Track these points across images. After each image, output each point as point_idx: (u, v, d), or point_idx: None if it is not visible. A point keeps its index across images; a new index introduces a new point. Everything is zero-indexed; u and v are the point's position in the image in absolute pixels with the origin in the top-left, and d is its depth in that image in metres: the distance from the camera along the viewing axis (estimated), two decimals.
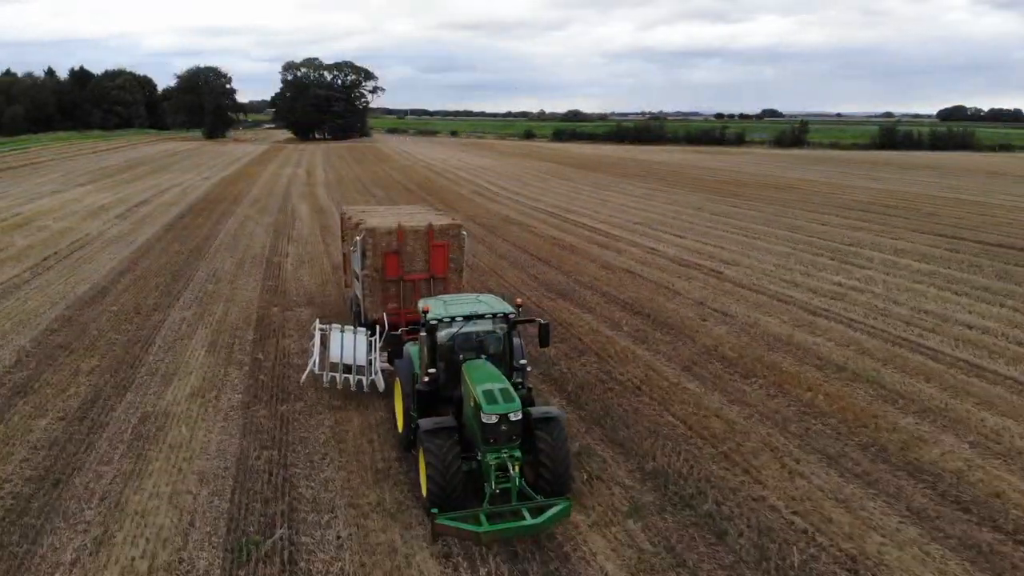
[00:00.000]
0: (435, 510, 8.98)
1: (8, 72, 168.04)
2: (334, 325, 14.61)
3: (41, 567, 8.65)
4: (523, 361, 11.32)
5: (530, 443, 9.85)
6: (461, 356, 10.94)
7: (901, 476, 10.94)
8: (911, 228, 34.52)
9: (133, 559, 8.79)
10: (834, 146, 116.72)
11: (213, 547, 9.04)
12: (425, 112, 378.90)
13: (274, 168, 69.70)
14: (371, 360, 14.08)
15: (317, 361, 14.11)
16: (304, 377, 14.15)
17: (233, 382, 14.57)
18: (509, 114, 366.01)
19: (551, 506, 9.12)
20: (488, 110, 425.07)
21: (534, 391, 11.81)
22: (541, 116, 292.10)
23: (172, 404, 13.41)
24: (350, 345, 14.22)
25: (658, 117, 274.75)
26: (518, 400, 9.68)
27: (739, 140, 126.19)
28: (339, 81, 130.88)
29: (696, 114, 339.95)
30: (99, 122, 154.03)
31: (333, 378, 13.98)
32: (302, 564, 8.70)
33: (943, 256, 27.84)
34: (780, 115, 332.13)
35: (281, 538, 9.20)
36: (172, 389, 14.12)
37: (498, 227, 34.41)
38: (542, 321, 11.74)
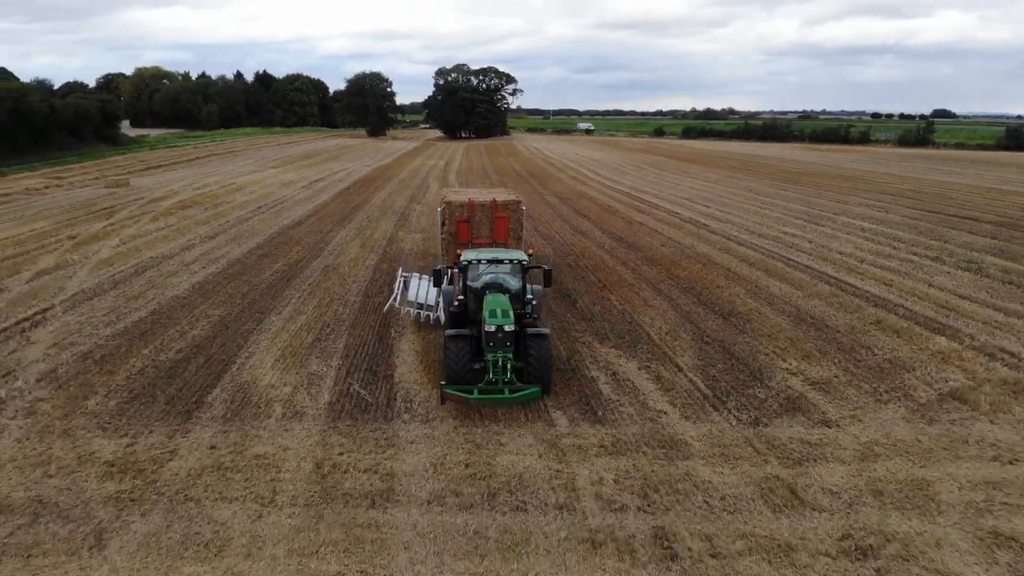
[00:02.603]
0: (443, 383, 13.05)
1: (203, 75, 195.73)
2: (414, 273, 19.30)
3: (282, 302, 21.05)
4: (529, 296, 14.92)
5: (524, 352, 13.41)
6: (487, 292, 14.49)
7: (688, 296, 21.53)
8: (908, 206, 42.55)
9: (326, 293, 21.15)
10: (960, 146, 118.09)
11: (356, 295, 21.26)
12: (574, 112, 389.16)
13: (421, 160, 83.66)
14: (438, 301, 17.75)
15: (398, 298, 18.57)
16: (386, 308, 19.10)
17: (371, 257, 27.02)
18: (659, 113, 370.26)
19: (523, 389, 12.68)
20: (639, 109, 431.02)
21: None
22: (692, 114, 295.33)
23: (340, 263, 25.98)
24: (424, 289, 18.25)
25: (809, 116, 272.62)
26: (512, 318, 13.20)
27: (863, 139, 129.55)
28: (483, 85, 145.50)
29: (861, 113, 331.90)
30: (279, 120, 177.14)
31: (408, 311, 18.32)
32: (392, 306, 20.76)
33: (900, 222, 36.39)
34: (952, 116, 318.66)
35: (386, 298, 21.30)
36: (339, 258, 26.76)
37: (571, 199, 45.66)
38: (546, 267, 15.28)
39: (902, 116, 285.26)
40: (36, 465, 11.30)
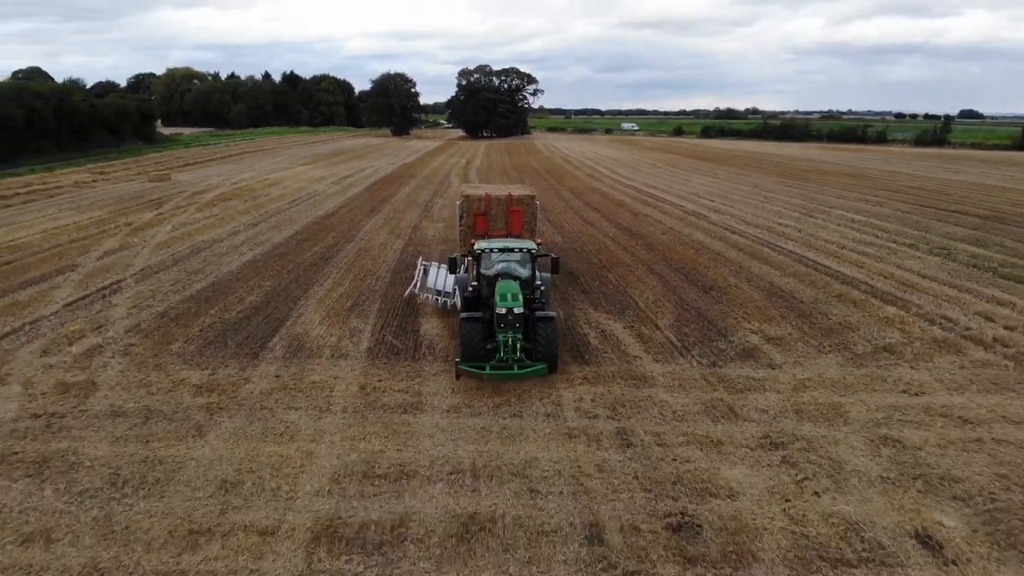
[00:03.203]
0: (458, 360, 14.12)
1: (233, 75, 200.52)
2: (433, 262, 21.09)
3: (323, 277, 24.22)
4: (538, 282, 16.08)
5: (533, 333, 14.49)
6: (499, 279, 15.63)
7: (677, 275, 24.31)
8: (904, 201, 44.96)
9: (360, 270, 24.29)
10: (976, 146, 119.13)
11: (386, 272, 24.35)
12: (596, 112, 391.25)
13: (443, 158, 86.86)
14: (455, 288, 18.79)
15: (418, 285, 20.00)
16: (406, 293, 20.62)
17: (398, 243, 30.13)
18: (682, 112, 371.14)
19: (531, 366, 13.75)
20: (662, 109, 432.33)
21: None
22: (714, 114, 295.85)
23: (372, 246, 29.12)
24: (442, 277, 19.59)
25: (832, 116, 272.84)
26: (521, 302, 14.29)
27: (880, 139, 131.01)
28: (505, 85, 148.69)
29: (887, 113, 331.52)
30: (306, 119, 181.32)
31: (427, 297, 19.66)
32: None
33: (890, 215, 38.90)
34: (980, 116, 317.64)
35: (411, 276, 24.38)
36: (370, 242, 29.92)
37: (584, 194, 48.56)
38: (553, 255, 16.95)
39: (927, 116, 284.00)
40: (139, 387, 14.48)
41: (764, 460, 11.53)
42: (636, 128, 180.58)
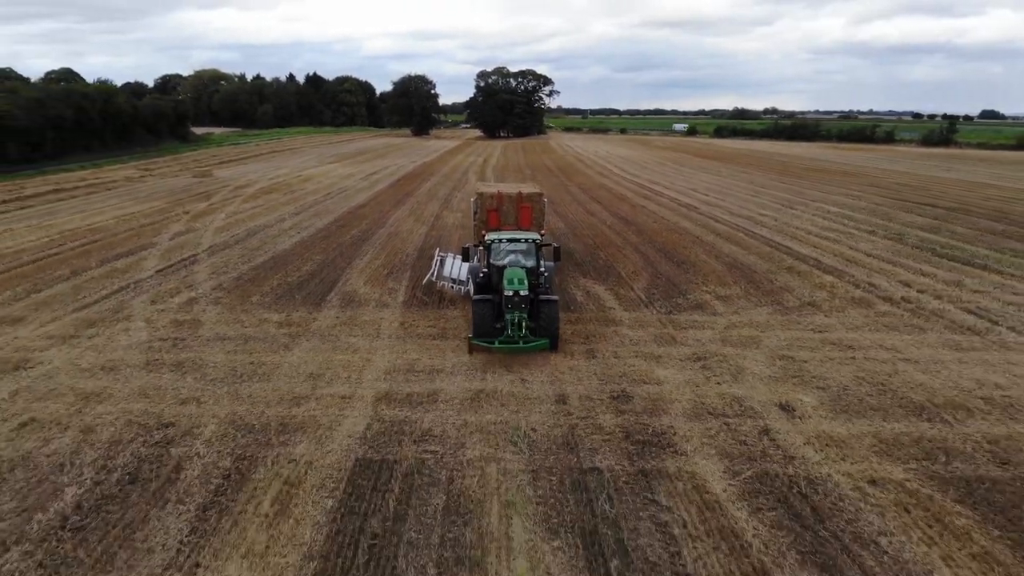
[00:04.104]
0: (470, 335, 16.56)
1: (258, 76, 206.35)
2: (449, 253, 23.48)
3: (362, 253, 29.07)
4: (542, 269, 17.94)
5: (537, 313, 16.52)
6: (508, 267, 17.48)
7: (658, 253, 29.02)
8: (883, 195, 49.18)
9: (392, 248, 29.16)
10: (981, 146, 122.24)
11: (414, 250, 29.21)
12: (614, 111, 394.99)
13: (461, 157, 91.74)
14: (468, 277, 20.98)
15: (436, 273, 22.66)
16: (424, 281, 23.36)
17: (422, 228, 35.00)
18: (701, 112, 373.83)
19: (534, 342, 15.97)
20: (681, 108, 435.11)
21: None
22: (731, 113, 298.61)
23: (400, 231, 34.04)
24: (457, 266, 21.77)
25: (849, 116, 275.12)
26: (527, 285, 16.25)
27: (888, 139, 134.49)
28: (522, 87, 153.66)
29: (908, 113, 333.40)
30: (329, 119, 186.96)
31: (443, 285, 22.29)
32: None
33: (864, 207, 43.20)
34: (1000, 116, 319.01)
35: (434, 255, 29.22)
36: (399, 228, 34.84)
37: (591, 189, 53.24)
38: (555, 245, 19.85)
39: (945, 116, 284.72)
40: (234, 323, 19.41)
41: (688, 367, 16.25)
42: (687, 128, 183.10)
